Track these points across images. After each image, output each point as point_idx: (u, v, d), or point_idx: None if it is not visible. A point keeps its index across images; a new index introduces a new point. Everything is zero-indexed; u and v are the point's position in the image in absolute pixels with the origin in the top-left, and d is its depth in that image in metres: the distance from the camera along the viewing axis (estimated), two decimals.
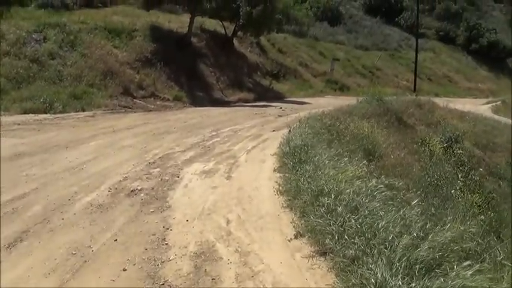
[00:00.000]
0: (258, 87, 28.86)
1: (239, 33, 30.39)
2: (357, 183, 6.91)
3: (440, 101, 26.53)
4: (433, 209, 7.18)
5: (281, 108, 22.21)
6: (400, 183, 7.91)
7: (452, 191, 12.18)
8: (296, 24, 40.35)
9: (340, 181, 6.98)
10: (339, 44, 44.79)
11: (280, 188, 7.81)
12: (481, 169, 18.96)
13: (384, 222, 5.50)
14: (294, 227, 6.30)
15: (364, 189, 6.65)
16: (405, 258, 4.75)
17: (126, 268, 5.11)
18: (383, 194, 6.63)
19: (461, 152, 17.85)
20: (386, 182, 7.40)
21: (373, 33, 51.87)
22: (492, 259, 5.56)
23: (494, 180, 18.99)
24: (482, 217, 11.90)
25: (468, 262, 4.85)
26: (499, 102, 40.57)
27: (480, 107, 35.61)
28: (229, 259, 5.42)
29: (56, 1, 25.44)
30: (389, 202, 6.37)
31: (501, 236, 11.42)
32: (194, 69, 25.25)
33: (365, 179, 7.22)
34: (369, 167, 8.94)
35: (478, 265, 4.81)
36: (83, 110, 16.62)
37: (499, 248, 6.19)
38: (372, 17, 55.88)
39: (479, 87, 51.93)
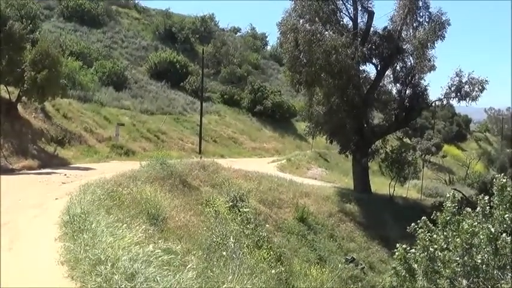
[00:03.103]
0: (43, 154, 28.01)
1: (23, 98, 29.34)
2: (135, 250, 7.03)
3: (225, 162, 27.53)
4: (209, 271, 7.35)
5: (65, 175, 21.82)
6: (178, 247, 8.06)
7: (241, 249, 12.58)
8: (81, 89, 39.89)
9: (117, 248, 7.00)
10: (124, 109, 44.67)
11: (61, 258, 7.74)
12: (267, 225, 19.87)
13: None
14: None
15: (141, 255, 6.72)
16: None
17: None
18: (160, 259, 6.74)
19: (246, 210, 18.52)
20: (164, 246, 7.53)
21: (158, 98, 52.57)
22: None
23: (283, 235, 20.06)
24: (273, 271, 12.47)
25: None
26: (284, 161, 43.03)
27: (266, 165, 37.49)
28: None
29: None
30: (165, 267, 6.48)
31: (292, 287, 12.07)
32: None
33: (143, 245, 7.29)
34: (148, 231, 9.01)
35: None
36: None
37: None
38: (158, 81, 56.70)
39: (264, 147, 54.67)
